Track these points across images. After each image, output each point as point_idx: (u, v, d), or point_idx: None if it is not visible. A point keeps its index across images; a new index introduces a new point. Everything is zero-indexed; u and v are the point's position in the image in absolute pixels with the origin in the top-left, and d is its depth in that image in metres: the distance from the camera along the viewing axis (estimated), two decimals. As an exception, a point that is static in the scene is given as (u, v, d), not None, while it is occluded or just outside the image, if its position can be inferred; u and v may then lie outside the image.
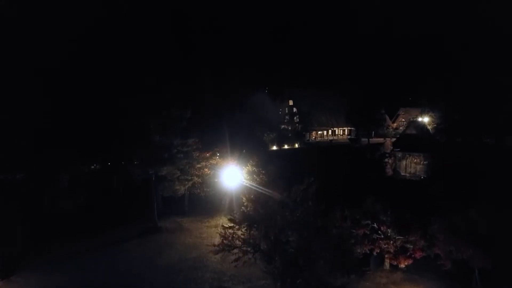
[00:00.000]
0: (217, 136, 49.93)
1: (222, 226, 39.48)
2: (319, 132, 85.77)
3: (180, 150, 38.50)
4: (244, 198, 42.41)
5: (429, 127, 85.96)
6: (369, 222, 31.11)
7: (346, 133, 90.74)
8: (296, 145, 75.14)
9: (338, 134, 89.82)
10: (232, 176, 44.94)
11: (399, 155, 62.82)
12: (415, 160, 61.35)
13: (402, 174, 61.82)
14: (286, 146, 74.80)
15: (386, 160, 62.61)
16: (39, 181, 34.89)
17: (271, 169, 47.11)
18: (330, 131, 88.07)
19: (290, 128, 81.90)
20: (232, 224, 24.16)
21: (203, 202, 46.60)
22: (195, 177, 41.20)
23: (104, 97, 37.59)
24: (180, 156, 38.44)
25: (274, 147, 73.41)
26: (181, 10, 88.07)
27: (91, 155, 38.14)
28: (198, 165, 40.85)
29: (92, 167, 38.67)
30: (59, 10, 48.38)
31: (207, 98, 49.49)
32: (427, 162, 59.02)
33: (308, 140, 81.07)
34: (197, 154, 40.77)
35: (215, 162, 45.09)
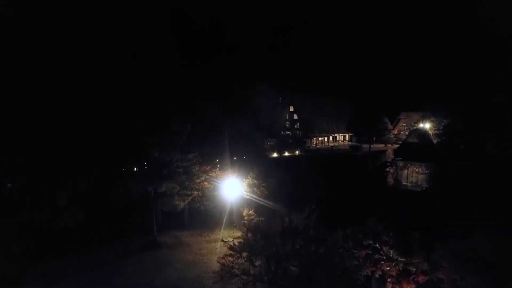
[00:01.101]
0: (217, 147, 49.51)
1: (223, 242, 39.42)
2: (320, 139, 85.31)
3: (179, 165, 38.01)
4: (244, 211, 42.51)
5: (430, 132, 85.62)
6: (371, 242, 30.66)
7: (347, 138, 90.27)
8: (297, 152, 74.70)
9: (339, 140, 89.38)
10: (232, 188, 44.60)
11: (401, 164, 62.39)
12: (417, 170, 60.93)
13: (404, 183, 61.41)
14: (286, 153, 74.35)
15: (388, 169, 62.31)
16: (37, 199, 34.47)
17: (272, 181, 47.00)
18: (331, 137, 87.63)
19: (290, 135, 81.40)
20: (231, 252, 23.63)
21: (203, 215, 46.18)
22: (195, 191, 40.72)
23: (102, 112, 37.03)
24: (180, 171, 37.95)
25: (275, 154, 72.97)
26: (181, 10, 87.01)
27: (89, 173, 37.66)
28: (198, 180, 40.35)
29: (91, 184, 38.13)
30: (54, 20, 47.75)
31: (206, 109, 48.89)
32: (428, 171, 58.62)
33: (309, 146, 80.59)
34: (196, 169, 40.27)
35: (215, 175, 44.69)
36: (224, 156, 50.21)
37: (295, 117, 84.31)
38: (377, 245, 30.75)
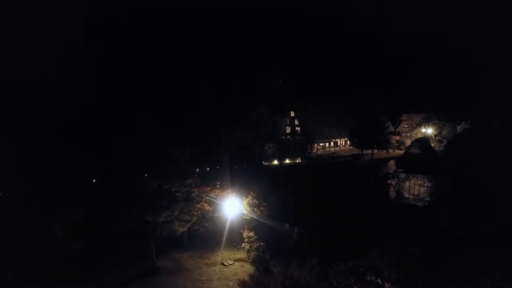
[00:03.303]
0: (216, 164, 48.88)
1: (223, 265, 39.04)
2: (321, 144, 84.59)
3: (178, 190, 37.34)
4: (244, 232, 42.10)
5: (432, 136, 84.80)
6: (373, 277, 30.20)
7: (348, 143, 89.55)
8: (298, 160, 74.05)
9: (340, 145, 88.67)
10: (232, 207, 44.12)
11: (403, 176, 61.73)
12: (419, 182, 60.26)
13: (406, 196, 60.84)
14: (287, 161, 73.76)
15: (389, 181, 61.69)
16: (34, 230, 33.97)
17: (272, 201, 46.50)
18: (332, 143, 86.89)
19: (291, 140, 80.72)
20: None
21: (203, 235, 45.64)
22: (194, 216, 40.20)
23: (98, 141, 36.20)
24: (179, 197, 37.29)
25: (275, 162, 72.36)
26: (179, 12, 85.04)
27: (86, 204, 37.07)
28: (198, 205, 39.81)
29: (88, 214, 37.55)
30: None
31: (206, 128, 48.05)
32: (431, 184, 58.03)
33: (310, 153, 79.86)
34: (196, 192, 39.64)
35: (215, 195, 44.17)
36: (224, 172, 49.57)
37: (296, 123, 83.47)
38: (379, 281, 30.35)
